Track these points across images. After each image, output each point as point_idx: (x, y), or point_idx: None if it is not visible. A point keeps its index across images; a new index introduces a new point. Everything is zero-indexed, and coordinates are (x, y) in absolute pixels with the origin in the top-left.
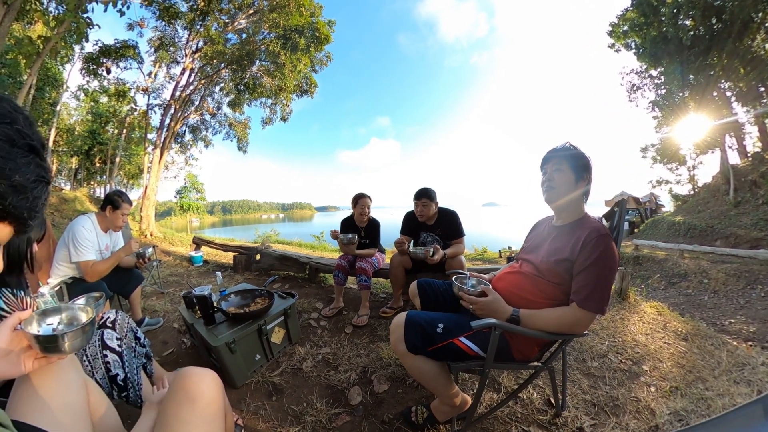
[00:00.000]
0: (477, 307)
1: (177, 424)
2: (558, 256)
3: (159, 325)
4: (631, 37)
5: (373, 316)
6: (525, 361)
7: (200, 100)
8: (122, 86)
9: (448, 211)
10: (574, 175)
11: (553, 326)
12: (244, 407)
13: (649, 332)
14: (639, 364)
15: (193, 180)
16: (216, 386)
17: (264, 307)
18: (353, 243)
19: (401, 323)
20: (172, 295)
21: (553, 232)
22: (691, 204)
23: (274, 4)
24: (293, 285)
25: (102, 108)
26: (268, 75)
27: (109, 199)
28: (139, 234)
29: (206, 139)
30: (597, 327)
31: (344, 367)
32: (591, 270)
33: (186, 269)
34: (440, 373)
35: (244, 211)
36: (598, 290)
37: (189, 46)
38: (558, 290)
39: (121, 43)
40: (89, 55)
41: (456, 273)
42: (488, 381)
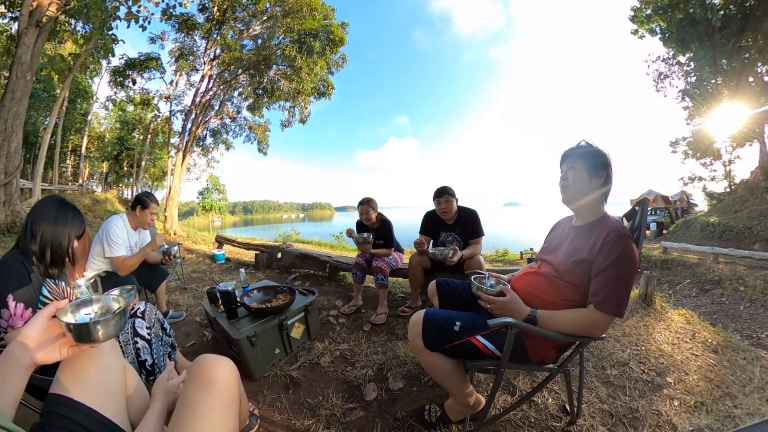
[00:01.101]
0: (495, 306)
1: (195, 407)
2: (576, 257)
3: (182, 318)
4: (655, 21)
5: (392, 315)
6: (541, 363)
7: (220, 105)
8: (146, 95)
9: (468, 210)
10: (588, 173)
11: (570, 328)
12: (261, 399)
13: (676, 342)
14: (662, 375)
15: (215, 181)
16: (232, 373)
17: (285, 303)
18: (368, 242)
19: (419, 320)
20: (194, 290)
21: (572, 233)
22: (726, 203)
23: (286, 10)
24: (313, 283)
25: (129, 116)
26: (285, 79)
27: (138, 200)
28: (164, 232)
29: (227, 142)
30: (618, 333)
31: (361, 364)
32: (609, 271)
33: (208, 266)
34: (455, 371)
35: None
36: (616, 292)
37: (207, 54)
38: (576, 292)
39: (145, 56)
40: (116, 69)
41: (475, 273)
42: (503, 383)
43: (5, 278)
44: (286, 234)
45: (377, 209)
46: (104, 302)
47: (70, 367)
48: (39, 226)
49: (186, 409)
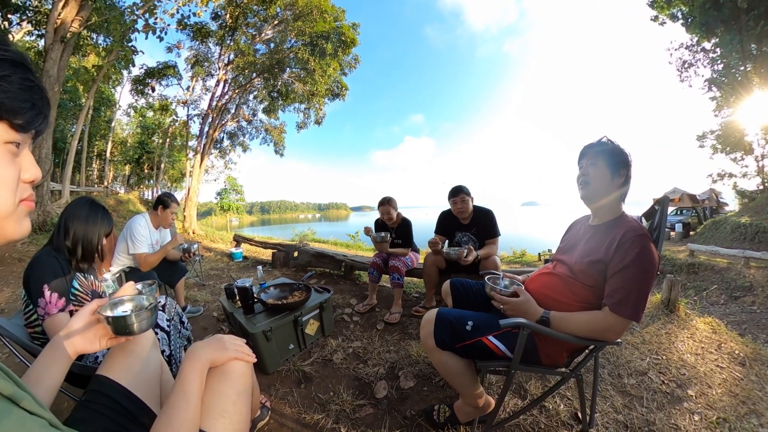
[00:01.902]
0: (508, 307)
1: (210, 393)
2: (592, 257)
3: (200, 313)
4: (676, 6)
5: (405, 314)
6: (553, 366)
7: (236, 108)
8: (165, 101)
9: (484, 210)
10: (609, 171)
11: (583, 330)
12: (273, 392)
13: (700, 352)
14: (684, 387)
15: (233, 182)
16: (246, 364)
17: (301, 299)
18: (386, 241)
19: (432, 319)
20: (212, 287)
21: (588, 232)
22: (760, 202)
23: (297, 13)
24: (329, 281)
25: (148, 121)
26: (299, 81)
27: (160, 200)
28: (183, 232)
29: (244, 144)
30: (638, 340)
31: (373, 362)
32: (625, 272)
33: (226, 264)
34: (466, 371)
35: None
36: (632, 295)
37: (221, 59)
38: (591, 293)
39: (162, 64)
40: (136, 78)
41: (489, 273)
42: (515, 387)
43: (42, 271)
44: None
45: (397, 208)
46: (137, 301)
47: (117, 355)
48: (72, 225)
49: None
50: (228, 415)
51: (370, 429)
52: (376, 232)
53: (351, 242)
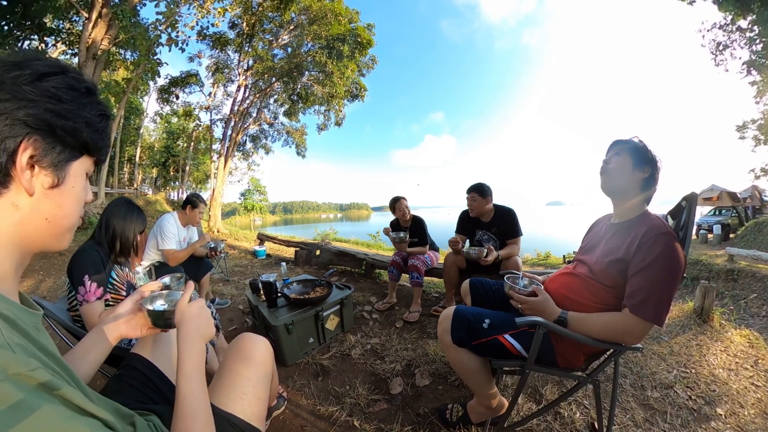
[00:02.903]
0: (526, 306)
1: (232, 376)
2: (612, 257)
3: (227, 305)
4: None
5: (424, 313)
6: (569, 368)
7: (257, 112)
8: (188, 107)
9: (505, 209)
10: (632, 161)
11: (601, 332)
12: (291, 383)
13: (734, 368)
14: (712, 404)
15: (256, 183)
16: (267, 352)
17: (323, 295)
18: (404, 241)
19: (449, 315)
20: (236, 282)
21: (609, 231)
22: None
23: (312, 17)
24: (350, 279)
25: (173, 126)
26: (318, 84)
27: (188, 200)
28: (208, 230)
29: (266, 146)
30: (665, 351)
31: (390, 358)
32: (647, 272)
33: (250, 261)
34: (481, 369)
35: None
36: (654, 296)
37: (241, 65)
38: (611, 295)
39: (185, 73)
40: (162, 87)
41: (509, 272)
42: (530, 391)
43: (84, 262)
44: (324, 233)
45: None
46: (175, 297)
47: (149, 338)
48: (112, 222)
49: (224, 377)
50: (247, 398)
51: (383, 424)
52: (394, 231)
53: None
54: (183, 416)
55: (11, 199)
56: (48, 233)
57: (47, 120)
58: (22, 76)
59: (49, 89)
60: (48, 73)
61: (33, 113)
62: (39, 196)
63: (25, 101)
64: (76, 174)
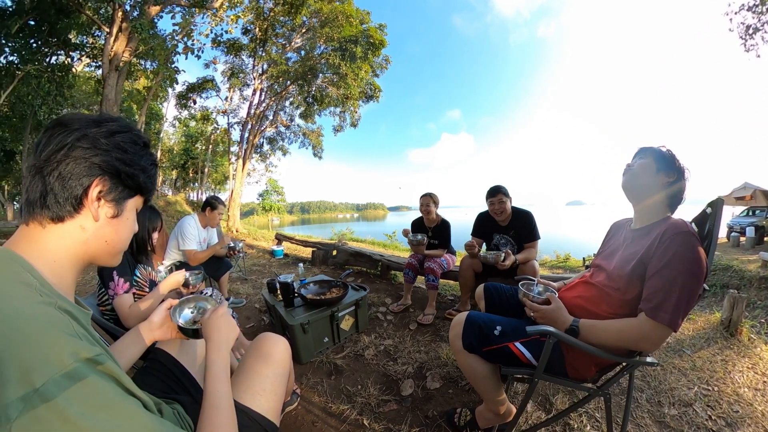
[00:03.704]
0: (539, 314)
1: (251, 374)
2: (632, 263)
3: (242, 304)
4: None
5: (439, 316)
6: (579, 379)
7: (274, 115)
8: (206, 111)
9: (523, 212)
10: (656, 165)
11: (615, 339)
12: (305, 381)
13: (761, 387)
14: (734, 427)
15: (274, 184)
16: (286, 351)
17: (338, 296)
18: (422, 244)
19: (461, 321)
20: (254, 281)
21: (629, 237)
22: None
23: (323, 20)
24: (365, 280)
25: (192, 130)
26: (332, 86)
27: (208, 203)
28: (227, 230)
29: (283, 148)
30: (686, 365)
31: (403, 360)
32: (664, 273)
33: (267, 261)
34: (491, 376)
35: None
36: (671, 298)
37: (255, 70)
38: (629, 306)
39: (202, 79)
40: (180, 93)
41: (523, 278)
42: (540, 400)
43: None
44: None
45: (438, 204)
46: (201, 304)
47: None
48: None
49: (244, 374)
50: (265, 394)
51: (392, 424)
52: (414, 232)
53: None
54: (209, 410)
55: (80, 222)
56: (106, 252)
57: (115, 166)
58: (101, 132)
59: (118, 143)
60: (118, 131)
61: (105, 160)
62: (102, 222)
63: (101, 150)
64: (131, 209)
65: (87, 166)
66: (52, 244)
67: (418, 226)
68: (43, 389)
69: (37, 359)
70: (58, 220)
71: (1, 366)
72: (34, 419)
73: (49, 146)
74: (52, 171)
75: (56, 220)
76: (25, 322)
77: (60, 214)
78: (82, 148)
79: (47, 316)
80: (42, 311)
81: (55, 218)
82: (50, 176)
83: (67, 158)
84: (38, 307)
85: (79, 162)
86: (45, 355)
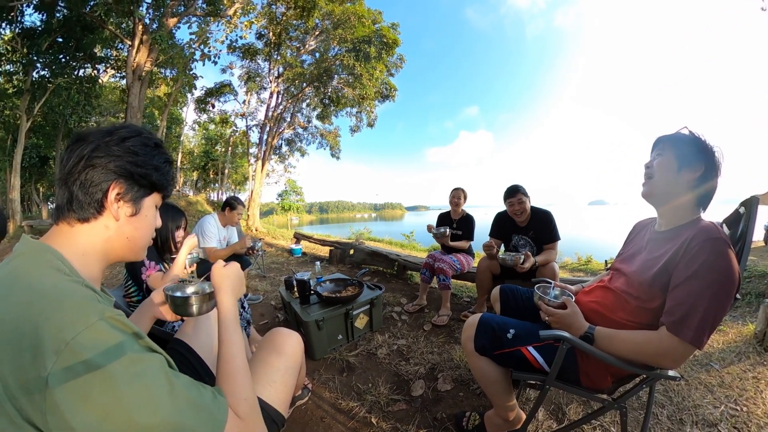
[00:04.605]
0: (553, 319)
1: (263, 365)
2: (654, 270)
3: (259, 301)
4: None
5: (454, 318)
6: (593, 389)
7: (291, 117)
8: (224, 115)
9: (542, 212)
10: (677, 161)
11: (632, 352)
12: (316, 377)
13: None
14: None
15: (293, 185)
16: (298, 345)
17: (354, 294)
18: (446, 236)
19: (474, 323)
20: (272, 279)
21: (653, 240)
22: None
23: (335, 22)
24: (381, 279)
25: (211, 133)
26: (348, 86)
27: (227, 203)
28: (246, 229)
29: (301, 149)
30: (714, 381)
31: (415, 361)
32: (690, 284)
33: (286, 259)
34: (501, 380)
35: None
36: (697, 313)
37: (271, 73)
38: (650, 314)
39: (219, 84)
40: (198, 98)
41: (540, 281)
42: (552, 408)
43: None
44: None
45: (466, 200)
46: (200, 286)
47: (190, 326)
48: None
49: (256, 365)
50: (275, 386)
51: (399, 424)
52: (439, 226)
53: (405, 242)
54: (225, 359)
55: (104, 222)
56: (128, 248)
57: (128, 169)
58: (112, 140)
59: (129, 147)
60: (128, 136)
61: (119, 164)
62: (122, 221)
63: (114, 156)
64: (149, 206)
65: (104, 172)
66: (80, 240)
67: (444, 219)
68: (73, 342)
69: (68, 319)
70: (84, 221)
71: (38, 332)
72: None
73: (70, 160)
74: (74, 181)
75: (82, 221)
76: (56, 294)
77: (85, 216)
78: (97, 157)
79: (75, 289)
80: (70, 286)
81: (81, 219)
82: (74, 185)
83: (86, 168)
84: (67, 283)
85: (96, 170)
86: (74, 315)
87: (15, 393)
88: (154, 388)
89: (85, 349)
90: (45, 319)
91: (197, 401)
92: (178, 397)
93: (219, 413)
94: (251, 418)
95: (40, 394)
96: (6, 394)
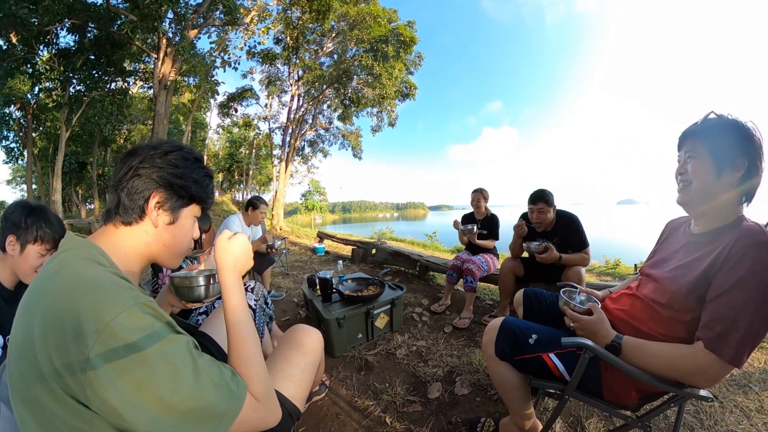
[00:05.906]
0: (578, 325)
1: (282, 360)
2: (689, 278)
3: (281, 298)
4: None
5: (475, 321)
6: (616, 404)
7: (313, 118)
8: (247, 119)
9: (569, 217)
10: (715, 163)
11: (664, 367)
12: (335, 374)
13: None
14: None
15: (316, 185)
16: (318, 341)
17: (375, 294)
18: (473, 233)
19: (496, 326)
20: (295, 276)
21: (688, 243)
22: None
23: (351, 23)
24: (403, 279)
25: (235, 136)
26: (368, 87)
27: (250, 202)
28: (271, 228)
29: (324, 150)
30: (752, 405)
31: (434, 363)
32: (731, 295)
33: (309, 258)
34: (520, 387)
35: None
36: (738, 329)
37: (291, 76)
38: (683, 327)
39: (241, 89)
40: (221, 103)
41: (565, 285)
42: (571, 421)
43: None
44: (381, 232)
45: (488, 200)
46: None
47: (215, 319)
48: None
49: (276, 360)
50: (293, 380)
51: (413, 425)
52: (464, 224)
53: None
54: (235, 343)
55: (144, 227)
56: (165, 255)
57: (168, 180)
58: (156, 153)
59: (170, 160)
60: (170, 150)
61: (161, 175)
62: (161, 228)
63: (157, 168)
64: (186, 216)
65: (147, 182)
66: (123, 241)
67: (468, 218)
68: (113, 323)
69: (107, 303)
70: (128, 224)
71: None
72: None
73: (121, 169)
74: (123, 188)
75: (126, 224)
76: (96, 282)
77: (129, 220)
78: (143, 167)
79: (112, 278)
80: (108, 276)
81: (125, 222)
82: (122, 192)
83: (133, 177)
84: (105, 273)
85: (141, 179)
86: (112, 299)
87: (60, 371)
88: (180, 367)
89: (123, 329)
90: (86, 304)
91: (218, 380)
92: (200, 375)
93: (238, 391)
94: (267, 400)
95: (82, 371)
96: (52, 373)
